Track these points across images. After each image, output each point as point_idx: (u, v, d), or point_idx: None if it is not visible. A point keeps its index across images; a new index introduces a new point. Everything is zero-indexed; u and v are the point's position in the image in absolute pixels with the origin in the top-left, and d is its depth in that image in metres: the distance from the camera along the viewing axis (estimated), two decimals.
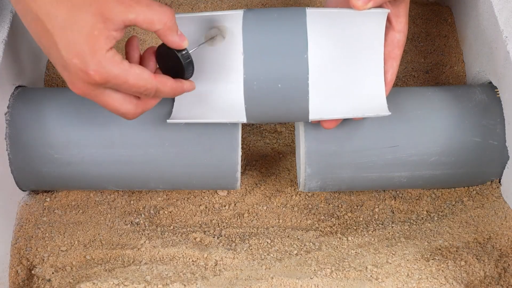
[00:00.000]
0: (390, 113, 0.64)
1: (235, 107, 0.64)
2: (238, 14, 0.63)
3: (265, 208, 0.76)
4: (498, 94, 0.72)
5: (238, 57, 0.63)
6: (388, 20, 0.64)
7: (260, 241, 0.71)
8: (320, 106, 0.64)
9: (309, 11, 0.63)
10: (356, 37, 0.64)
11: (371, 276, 0.64)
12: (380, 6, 0.63)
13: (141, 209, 0.76)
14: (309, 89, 0.63)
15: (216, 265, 0.67)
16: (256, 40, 0.62)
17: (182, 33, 0.58)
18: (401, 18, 0.64)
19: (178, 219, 0.75)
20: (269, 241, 0.71)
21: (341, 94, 0.65)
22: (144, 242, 0.70)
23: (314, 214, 0.75)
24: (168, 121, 0.65)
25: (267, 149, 0.83)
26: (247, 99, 0.63)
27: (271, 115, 0.65)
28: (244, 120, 0.65)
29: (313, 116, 0.64)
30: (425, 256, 0.67)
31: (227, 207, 0.76)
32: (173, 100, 0.67)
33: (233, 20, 0.63)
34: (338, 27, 0.64)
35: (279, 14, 0.63)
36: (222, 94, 0.65)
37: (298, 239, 0.71)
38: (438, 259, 0.66)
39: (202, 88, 0.66)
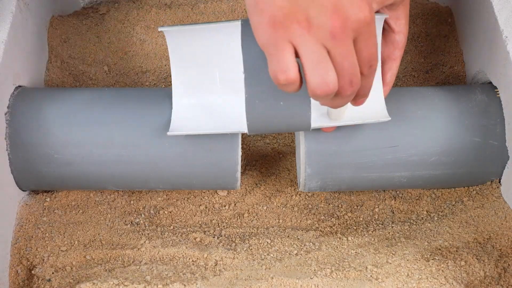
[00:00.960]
0: (390, 118, 0.64)
1: (237, 121, 0.64)
2: (236, 25, 0.63)
3: (265, 208, 0.76)
4: (498, 94, 0.72)
5: (239, 75, 0.63)
6: (387, 23, 0.64)
7: (260, 241, 0.71)
8: (321, 117, 0.64)
9: None
10: None
11: (371, 276, 0.64)
12: (377, 11, 0.63)
13: (141, 209, 0.76)
14: (311, 105, 0.63)
15: (216, 265, 0.67)
16: (256, 58, 0.62)
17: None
18: (400, 20, 0.64)
19: (178, 219, 0.75)
20: (269, 241, 0.71)
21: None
22: (144, 242, 0.70)
23: (314, 214, 0.75)
24: (168, 133, 0.65)
25: (267, 149, 0.83)
26: (249, 116, 0.64)
27: (273, 129, 0.66)
28: (246, 133, 0.65)
29: (314, 125, 0.65)
30: (425, 256, 0.67)
31: (227, 207, 0.76)
32: (171, 107, 0.67)
33: (231, 33, 0.63)
34: None
35: None
36: (223, 108, 0.65)
37: (298, 239, 0.71)
38: (438, 259, 0.66)
39: (203, 101, 0.66)
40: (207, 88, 0.65)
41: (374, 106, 0.65)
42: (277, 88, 0.62)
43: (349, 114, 0.65)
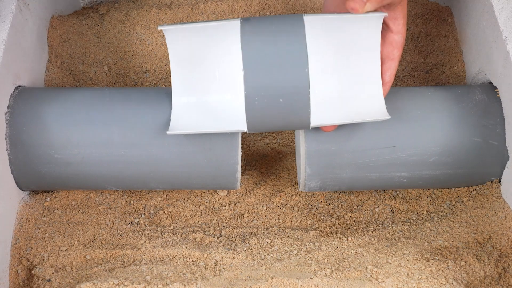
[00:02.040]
0: (389, 117, 0.64)
1: (236, 119, 0.64)
2: (235, 24, 0.63)
3: (265, 208, 0.76)
4: (498, 94, 0.72)
5: (238, 73, 0.63)
6: (386, 23, 0.65)
7: (260, 241, 0.71)
8: (321, 115, 0.64)
9: (307, 19, 0.63)
10: (354, 42, 0.64)
11: (371, 276, 0.64)
12: (376, 10, 0.63)
13: (141, 209, 0.76)
14: (310, 102, 0.63)
15: (216, 265, 0.67)
16: (256, 55, 0.62)
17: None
18: (398, 20, 0.65)
19: (178, 219, 0.75)
20: (269, 241, 0.71)
21: (341, 100, 0.65)
22: (144, 242, 0.70)
23: (314, 214, 0.75)
24: (168, 133, 0.65)
25: (267, 149, 0.83)
26: (248, 114, 0.64)
27: (272, 127, 0.66)
28: (246, 131, 0.65)
29: (313, 124, 0.65)
30: (425, 256, 0.67)
31: (227, 207, 0.76)
32: (171, 107, 0.67)
33: (231, 31, 0.63)
34: (336, 33, 0.64)
35: (277, 25, 0.63)
36: (223, 106, 0.65)
37: (298, 239, 0.71)
38: (438, 259, 0.66)
39: (202, 100, 0.65)
40: (207, 86, 0.65)
41: (373, 105, 0.65)
42: (276, 85, 0.62)
43: (349, 112, 0.65)
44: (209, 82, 0.65)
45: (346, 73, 0.65)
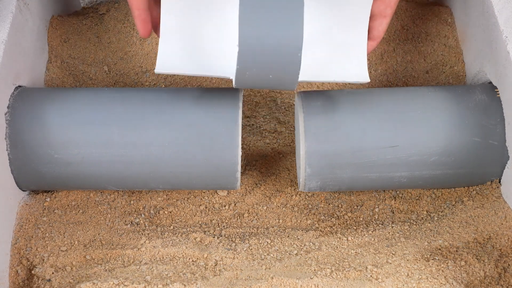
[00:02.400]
0: (369, 80, 0.66)
1: (226, 68, 0.65)
2: None
3: (265, 208, 0.76)
4: (498, 94, 0.72)
5: (233, 48, 0.63)
6: None
7: (260, 241, 0.71)
8: (305, 75, 0.66)
9: None
10: (347, 8, 0.65)
11: (371, 276, 0.64)
12: None
13: (141, 209, 0.76)
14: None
15: (216, 265, 0.67)
16: (252, 34, 0.61)
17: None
18: None
19: (178, 219, 0.75)
20: (269, 241, 0.71)
21: (326, 63, 0.66)
22: (144, 242, 0.70)
23: (314, 214, 0.75)
24: (155, 71, 0.66)
25: (267, 149, 0.83)
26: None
27: (258, 88, 0.66)
28: (233, 83, 0.65)
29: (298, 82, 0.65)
30: (425, 256, 0.67)
31: (227, 207, 0.76)
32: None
33: (229, 4, 0.63)
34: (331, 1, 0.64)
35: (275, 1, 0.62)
36: (213, 53, 0.66)
37: (298, 239, 0.71)
38: (438, 259, 0.66)
39: (192, 43, 0.66)
40: (199, 32, 0.66)
41: (356, 67, 0.66)
42: (269, 65, 0.62)
43: (332, 72, 0.66)
44: (201, 29, 0.66)
45: (334, 38, 0.66)
